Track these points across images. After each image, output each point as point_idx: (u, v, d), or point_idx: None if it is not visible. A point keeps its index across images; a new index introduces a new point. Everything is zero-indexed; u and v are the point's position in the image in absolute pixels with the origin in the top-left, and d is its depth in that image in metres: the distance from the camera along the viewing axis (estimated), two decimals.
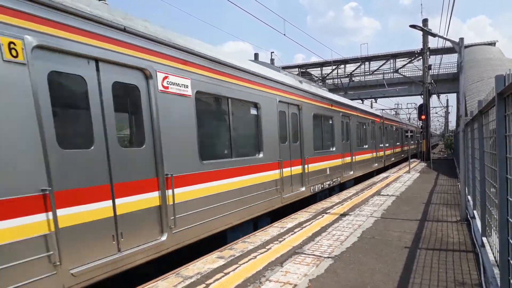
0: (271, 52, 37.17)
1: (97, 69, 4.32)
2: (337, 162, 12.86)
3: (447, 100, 50.19)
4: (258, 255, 5.71)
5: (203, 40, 7.38)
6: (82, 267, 3.98)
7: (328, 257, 5.49)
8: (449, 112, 61.54)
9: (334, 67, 34.98)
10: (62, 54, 3.93)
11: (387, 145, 22.10)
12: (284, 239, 6.62)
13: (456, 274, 4.65)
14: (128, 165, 4.63)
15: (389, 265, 5.09)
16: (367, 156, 17.02)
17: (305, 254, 5.70)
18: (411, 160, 23.65)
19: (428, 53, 27.34)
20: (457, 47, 8.43)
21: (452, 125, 60.57)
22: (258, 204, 7.67)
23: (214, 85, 6.34)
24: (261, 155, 7.90)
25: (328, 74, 35.61)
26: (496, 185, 3.18)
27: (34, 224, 3.55)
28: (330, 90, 19.35)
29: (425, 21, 27.14)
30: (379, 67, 33.52)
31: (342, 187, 13.84)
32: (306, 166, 10.14)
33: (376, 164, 19.03)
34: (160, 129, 5.09)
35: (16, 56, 3.48)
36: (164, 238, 5.07)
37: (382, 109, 34.78)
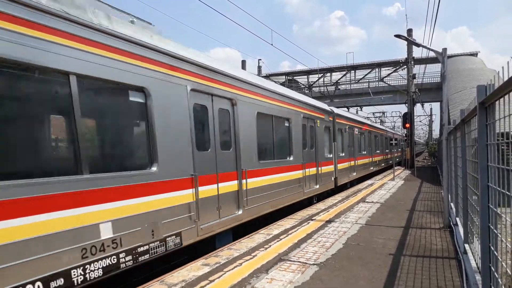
0: (259, 60, 37.48)
1: None
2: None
3: (431, 108, 51.34)
4: (244, 262, 5.67)
5: (193, 46, 6.86)
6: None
7: (314, 264, 5.49)
8: (433, 121, 62.87)
9: (320, 75, 35.34)
10: None
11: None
12: (270, 245, 6.60)
13: (439, 281, 4.70)
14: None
15: (374, 272, 5.11)
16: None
17: (290, 261, 5.68)
18: (396, 168, 23.52)
19: (412, 62, 27.93)
20: (440, 57, 8.63)
21: (436, 133, 61.75)
22: None
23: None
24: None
25: (314, 82, 35.94)
26: (478, 193, 3.24)
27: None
28: (317, 98, 18.93)
29: (409, 31, 27.73)
30: (365, 76, 34.05)
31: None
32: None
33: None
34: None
35: None
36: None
37: (367, 117, 35.19)
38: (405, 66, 28.74)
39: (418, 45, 11.63)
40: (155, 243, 5.21)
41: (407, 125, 28.13)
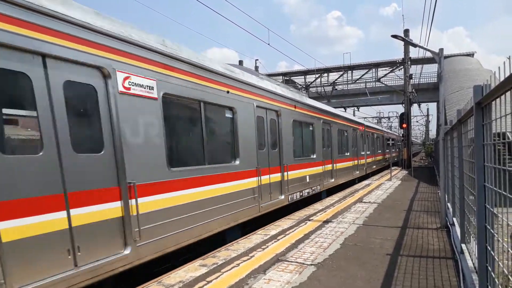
0: (256, 60, 37.47)
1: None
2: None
3: (428, 109, 51.33)
4: (241, 262, 5.67)
5: (189, 46, 6.39)
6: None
7: (311, 264, 5.49)
8: (429, 121, 62.81)
9: (317, 75, 35.34)
10: None
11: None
12: (268, 246, 6.60)
13: (436, 281, 4.71)
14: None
15: (371, 272, 5.12)
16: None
17: (288, 261, 5.68)
18: (393, 168, 23.75)
19: (409, 62, 27.92)
20: (437, 57, 8.63)
21: (433, 133, 61.80)
22: None
23: None
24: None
25: (311, 83, 35.95)
26: (475, 193, 3.24)
27: None
28: (314, 98, 19.41)
29: (406, 31, 27.73)
30: (362, 76, 34.03)
31: None
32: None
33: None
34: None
35: None
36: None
37: (365, 117, 35.27)
38: (402, 67, 28.76)
39: (414, 45, 11.66)
40: (314, 186, 12.19)
41: (404, 125, 28.17)
